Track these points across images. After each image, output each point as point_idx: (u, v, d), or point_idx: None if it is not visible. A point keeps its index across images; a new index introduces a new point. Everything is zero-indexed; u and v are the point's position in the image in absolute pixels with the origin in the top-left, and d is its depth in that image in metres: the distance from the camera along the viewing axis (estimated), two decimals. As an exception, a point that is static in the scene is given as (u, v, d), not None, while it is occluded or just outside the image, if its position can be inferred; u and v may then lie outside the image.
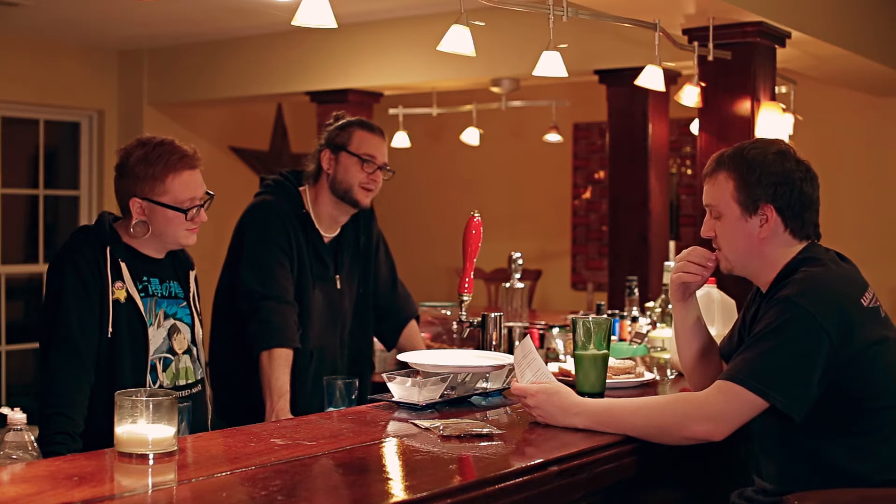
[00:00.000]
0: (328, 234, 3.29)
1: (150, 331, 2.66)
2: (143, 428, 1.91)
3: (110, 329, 2.59)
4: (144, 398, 1.91)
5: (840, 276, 2.24)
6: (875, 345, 2.16)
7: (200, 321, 2.86)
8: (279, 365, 3.02)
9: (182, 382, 2.73)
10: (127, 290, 2.63)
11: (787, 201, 2.27)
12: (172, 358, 2.72)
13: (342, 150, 3.23)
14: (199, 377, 2.80)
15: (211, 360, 3.19)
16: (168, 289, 2.76)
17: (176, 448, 1.95)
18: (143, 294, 2.67)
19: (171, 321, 2.74)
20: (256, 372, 3.04)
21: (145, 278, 2.70)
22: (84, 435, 2.50)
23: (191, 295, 2.83)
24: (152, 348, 2.66)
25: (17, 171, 7.35)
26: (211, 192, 2.76)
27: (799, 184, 2.28)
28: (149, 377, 2.64)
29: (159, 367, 2.68)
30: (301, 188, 3.28)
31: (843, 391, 2.13)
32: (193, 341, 2.80)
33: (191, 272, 2.86)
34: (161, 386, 2.67)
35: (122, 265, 2.64)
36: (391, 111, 6.76)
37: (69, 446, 2.43)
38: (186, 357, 2.76)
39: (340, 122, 3.29)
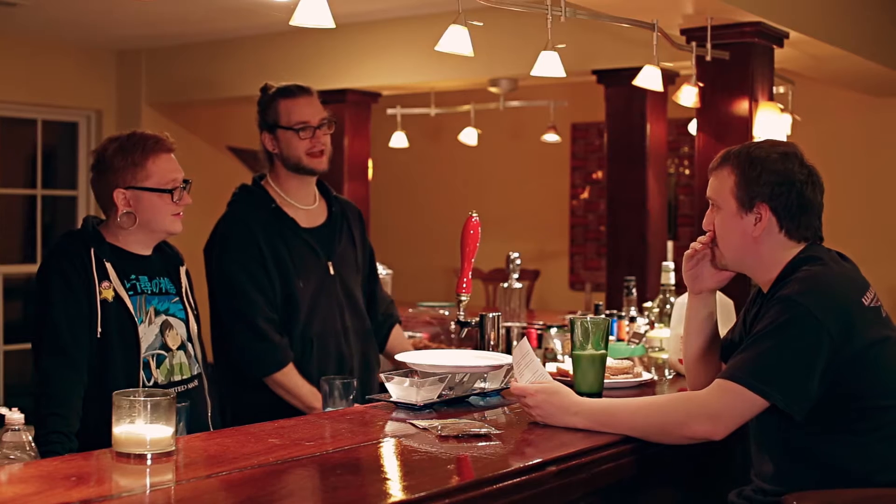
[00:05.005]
0: (311, 222, 3.27)
1: (141, 328, 2.66)
2: (140, 428, 1.91)
3: (99, 329, 2.60)
4: (142, 398, 1.91)
5: (841, 276, 2.24)
6: (876, 344, 2.16)
7: (196, 316, 2.86)
8: (292, 377, 3.10)
9: (177, 378, 2.73)
10: (114, 289, 2.64)
11: (784, 202, 2.27)
12: (166, 354, 2.72)
13: (277, 128, 3.20)
14: (195, 373, 2.80)
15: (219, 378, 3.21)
16: (158, 285, 2.76)
17: (174, 448, 1.95)
18: (131, 292, 2.68)
19: (163, 317, 2.74)
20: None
21: (133, 276, 2.71)
22: (79, 434, 2.51)
23: (183, 290, 2.83)
24: (144, 345, 2.66)
25: (14, 171, 7.35)
26: (188, 179, 2.78)
27: (799, 186, 2.27)
28: (142, 374, 2.64)
29: (153, 364, 2.68)
30: (264, 181, 3.27)
31: (844, 391, 2.13)
32: (189, 337, 2.81)
33: (181, 268, 2.87)
34: (156, 382, 2.67)
35: (108, 265, 2.65)
36: (389, 111, 6.76)
37: (65, 445, 2.44)
38: (181, 353, 2.76)
39: (265, 99, 3.25)
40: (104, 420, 1.99)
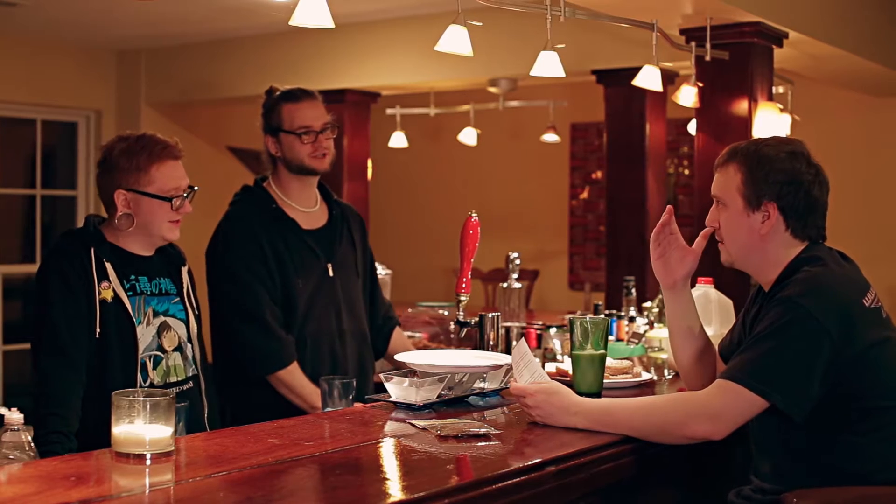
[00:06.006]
0: (311, 224, 3.28)
1: (139, 329, 2.66)
2: (140, 428, 1.91)
3: (98, 329, 2.60)
4: (141, 398, 1.91)
5: (842, 277, 2.24)
6: (877, 345, 2.16)
7: (197, 316, 2.86)
8: (296, 376, 3.11)
9: (173, 380, 2.73)
10: (113, 290, 2.64)
11: (792, 201, 2.27)
12: (162, 356, 2.72)
13: (280, 131, 3.22)
14: (190, 374, 2.79)
15: (218, 375, 3.19)
16: (158, 286, 2.76)
17: (173, 448, 1.95)
18: (130, 293, 2.68)
19: (161, 318, 2.74)
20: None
21: (133, 277, 2.71)
22: (78, 434, 2.51)
23: (184, 290, 2.83)
24: (141, 347, 2.66)
25: (14, 171, 7.35)
26: (194, 186, 2.77)
27: (807, 186, 2.28)
28: (139, 376, 2.64)
29: (149, 366, 2.68)
30: (266, 183, 3.28)
31: (845, 391, 2.13)
32: (189, 338, 2.80)
33: (183, 268, 2.87)
34: (152, 383, 2.67)
35: (108, 265, 2.65)
36: (389, 111, 6.76)
37: (65, 445, 2.44)
38: (177, 354, 2.76)
39: (269, 103, 3.26)
40: (103, 420, 1.99)
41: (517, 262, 4.08)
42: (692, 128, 4.67)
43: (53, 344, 2.57)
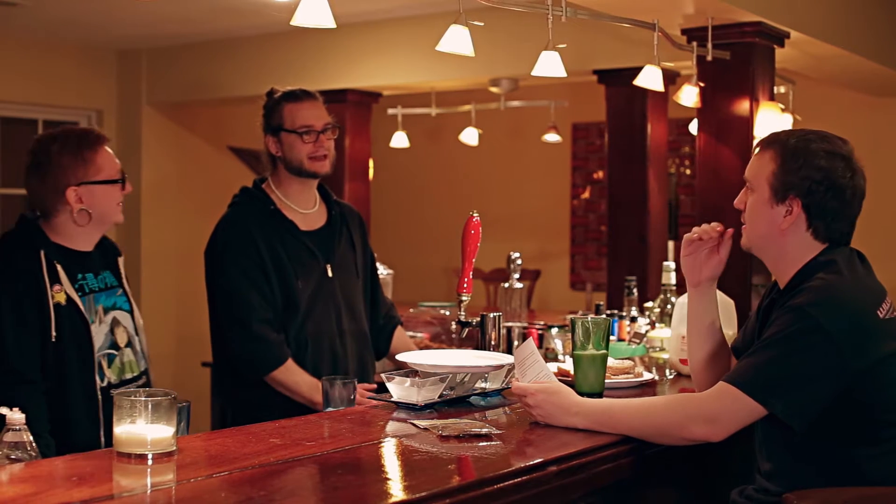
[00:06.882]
0: (310, 225, 3.27)
1: (93, 329, 2.67)
2: (141, 428, 1.91)
3: (54, 333, 2.60)
4: (143, 398, 1.91)
5: (857, 286, 2.19)
6: (891, 357, 2.11)
7: (137, 307, 2.88)
8: (289, 375, 3.09)
9: (128, 376, 2.74)
10: (66, 292, 2.64)
11: (818, 201, 2.22)
12: (116, 353, 2.73)
13: (281, 131, 3.21)
14: (143, 368, 2.81)
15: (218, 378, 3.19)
16: (103, 280, 2.79)
17: (175, 448, 1.95)
18: (80, 293, 2.68)
19: (112, 314, 2.75)
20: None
21: (80, 276, 2.72)
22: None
23: (123, 282, 2.85)
24: (96, 346, 2.67)
25: (16, 171, 7.34)
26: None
27: (838, 188, 2.22)
28: (96, 376, 2.64)
29: (105, 364, 2.69)
30: (265, 184, 3.28)
31: (856, 402, 2.10)
32: (136, 330, 2.81)
33: (119, 259, 2.89)
34: (109, 383, 2.67)
35: (59, 267, 2.65)
36: (390, 111, 6.76)
37: (39, 442, 2.45)
38: (129, 350, 2.77)
39: (270, 103, 3.26)
40: (65, 423, 1.99)
41: (518, 262, 4.08)
42: (693, 128, 4.66)
43: (6, 366, 2.59)
